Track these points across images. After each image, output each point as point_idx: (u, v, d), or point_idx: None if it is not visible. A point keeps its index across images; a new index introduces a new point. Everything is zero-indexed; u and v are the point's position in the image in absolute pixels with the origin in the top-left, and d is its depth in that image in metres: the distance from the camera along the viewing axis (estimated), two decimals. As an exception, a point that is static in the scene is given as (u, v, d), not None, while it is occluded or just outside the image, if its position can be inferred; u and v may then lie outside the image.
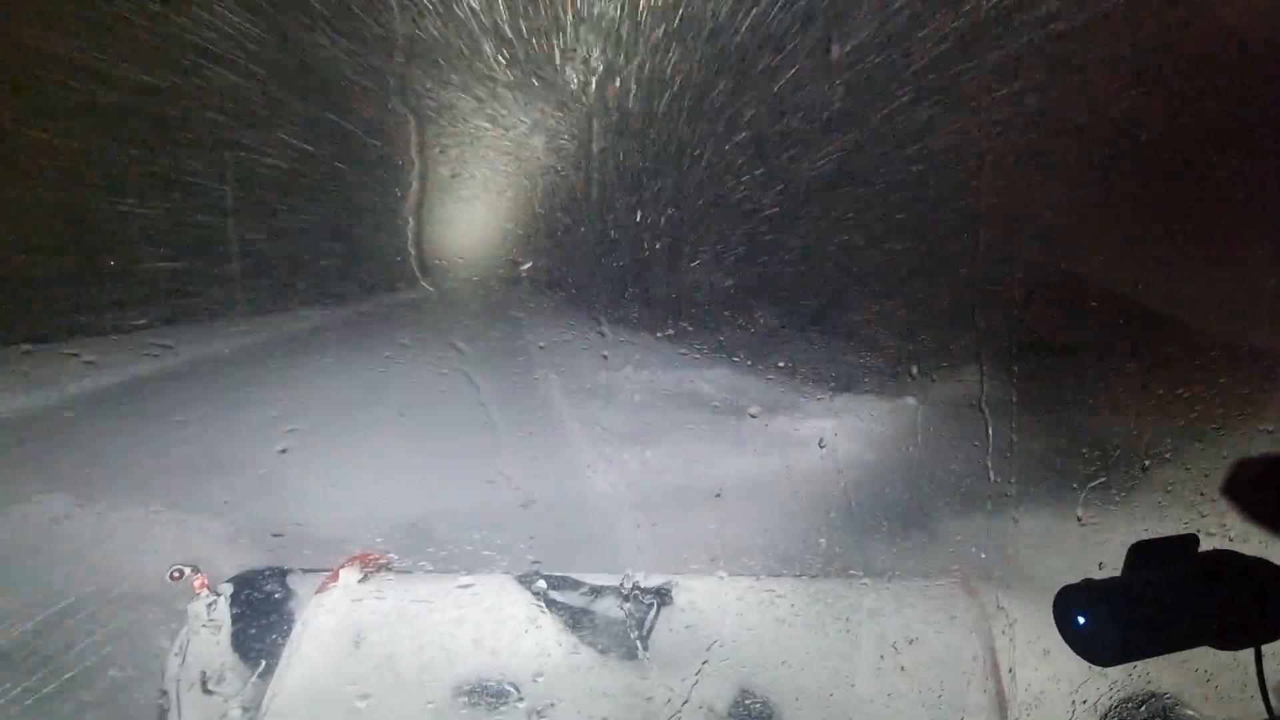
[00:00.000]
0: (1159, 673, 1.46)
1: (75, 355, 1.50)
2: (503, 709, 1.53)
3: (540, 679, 1.57)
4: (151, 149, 1.48)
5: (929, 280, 1.79)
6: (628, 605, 1.68)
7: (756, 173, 1.62)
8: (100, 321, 1.51)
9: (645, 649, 1.63)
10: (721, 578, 1.75)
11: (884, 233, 1.73)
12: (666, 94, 1.54)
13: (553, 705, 1.55)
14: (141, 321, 1.49)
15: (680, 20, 1.47)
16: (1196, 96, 1.54)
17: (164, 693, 1.55)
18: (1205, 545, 0.91)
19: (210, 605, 1.60)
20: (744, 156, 1.61)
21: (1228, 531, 1.28)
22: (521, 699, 1.55)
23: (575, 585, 1.72)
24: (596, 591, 1.71)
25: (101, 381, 1.56)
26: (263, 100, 1.43)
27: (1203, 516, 1.40)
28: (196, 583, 1.61)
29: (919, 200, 1.68)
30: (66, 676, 1.51)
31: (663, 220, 1.67)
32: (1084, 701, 1.54)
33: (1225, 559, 0.89)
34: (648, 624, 1.67)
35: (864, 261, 1.77)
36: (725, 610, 1.70)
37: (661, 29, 1.47)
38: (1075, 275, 1.77)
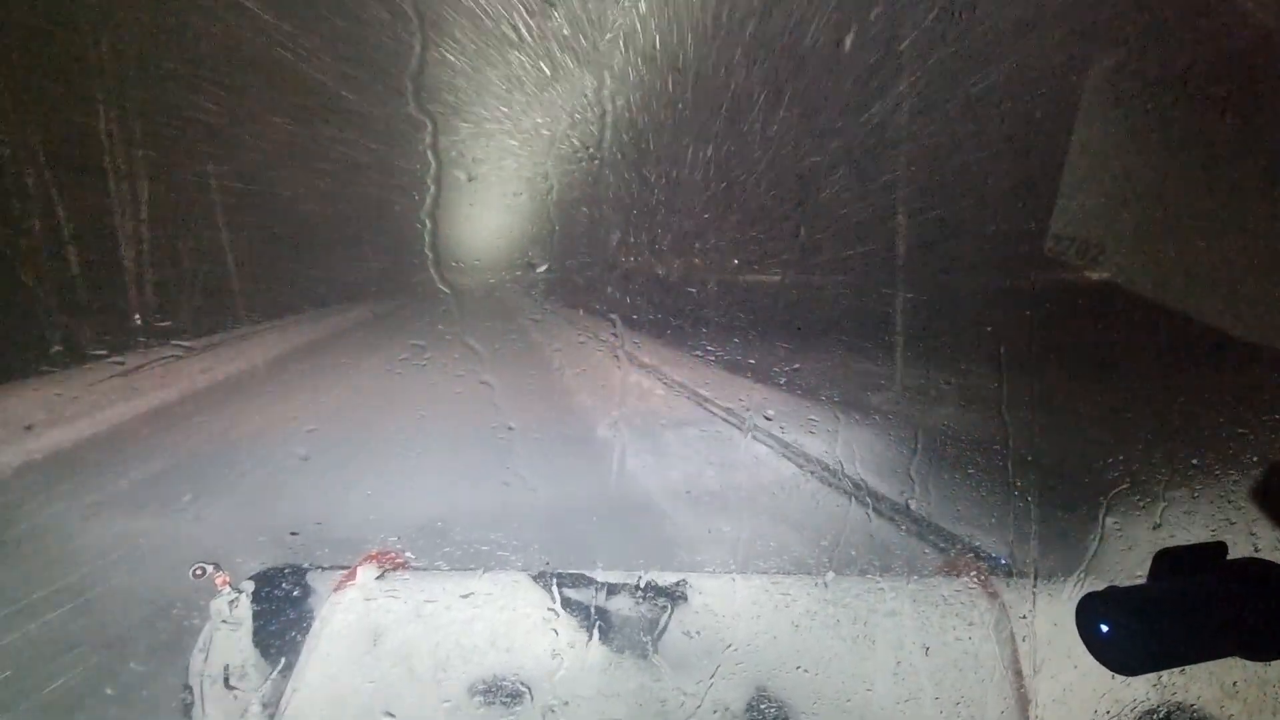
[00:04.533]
0: (1185, 683, 1.42)
1: (104, 356, 1.53)
2: (516, 709, 1.54)
3: (554, 679, 1.57)
4: (174, 155, 1.50)
5: (950, 282, 1.77)
6: (641, 605, 1.68)
7: (772, 172, 1.61)
8: (126, 323, 1.54)
9: (658, 649, 1.63)
10: (736, 578, 1.74)
11: (900, 232, 1.71)
12: (679, 100, 1.54)
13: (566, 704, 1.55)
14: (166, 323, 1.52)
15: (686, 43, 1.47)
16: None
17: (188, 687, 1.58)
18: (1234, 553, 0.89)
19: (232, 602, 1.63)
20: (759, 157, 1.61)
21: (1257, 540, 1.25)
22: (534, 699, 1.55)
23: (589, 583, 1.72)
24: (610, 590, 1.71)
25: (127, 381, 1.59)
26: (279, 108, 1.46)
27: (1231, 524, 1.37)
28: (218, 580, 1.64)
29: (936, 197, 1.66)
30: (93, 669, 1.54)
31: (676, 223, 1.66)
32: (1107, 712, 1.51)
33: (1254, 567, 0.86)
34: (661, 624, 1.66)
35: (884, 263, 1.75)
36: (740, 611, 1.69)
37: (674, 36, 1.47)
38: (1099, 278, 1.73)
